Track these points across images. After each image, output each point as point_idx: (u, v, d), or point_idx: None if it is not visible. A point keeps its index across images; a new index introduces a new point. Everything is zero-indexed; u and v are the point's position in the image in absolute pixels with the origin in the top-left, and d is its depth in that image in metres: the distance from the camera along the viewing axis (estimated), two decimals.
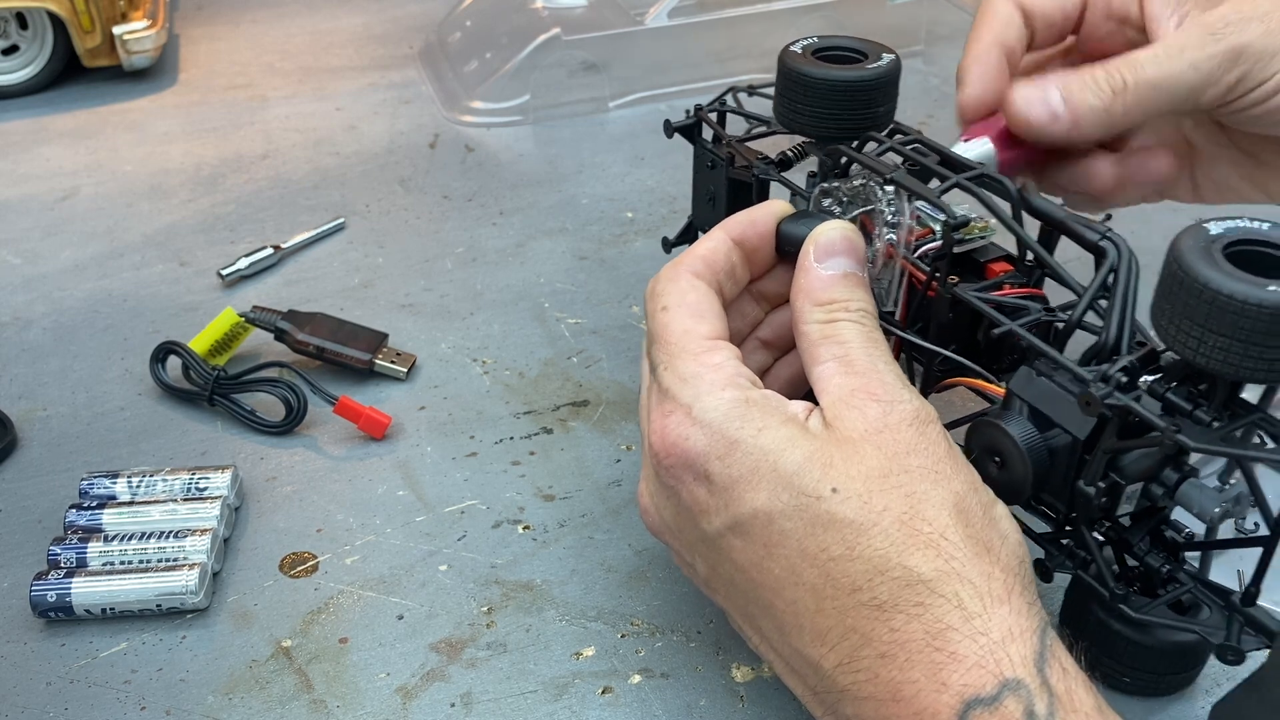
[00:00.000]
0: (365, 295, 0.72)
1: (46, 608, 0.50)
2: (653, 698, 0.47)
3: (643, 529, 0.55)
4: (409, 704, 0.47)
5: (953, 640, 0.35)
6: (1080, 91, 0.48)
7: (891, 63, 0.50)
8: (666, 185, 0.83)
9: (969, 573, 0.36)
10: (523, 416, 0.62)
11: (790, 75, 0.50)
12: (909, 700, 0.35)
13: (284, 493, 0.57)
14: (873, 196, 0.48)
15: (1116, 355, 0.40)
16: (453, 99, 0.94)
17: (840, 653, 0.37)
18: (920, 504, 0.37)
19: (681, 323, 0.43)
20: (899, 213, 0.47)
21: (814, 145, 0.54)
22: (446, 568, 0.53)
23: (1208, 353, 0.36)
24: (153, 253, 0.76)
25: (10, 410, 0.62)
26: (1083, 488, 0.40)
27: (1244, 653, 0.40)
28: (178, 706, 0.47)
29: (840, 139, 0.51)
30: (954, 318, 0.47)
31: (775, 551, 0.38)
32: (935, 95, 0.95)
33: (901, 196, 0.47)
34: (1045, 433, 0.41)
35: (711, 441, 0.39)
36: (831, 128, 0.50)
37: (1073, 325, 0.43)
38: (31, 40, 0.95)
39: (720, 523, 0.39)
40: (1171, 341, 0.37)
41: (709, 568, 0.42)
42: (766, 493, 0.38)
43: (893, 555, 0.36)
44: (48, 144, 0.89)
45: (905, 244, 0.47)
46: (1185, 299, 0.36)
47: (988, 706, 0.34)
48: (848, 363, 0.41)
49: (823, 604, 0.37)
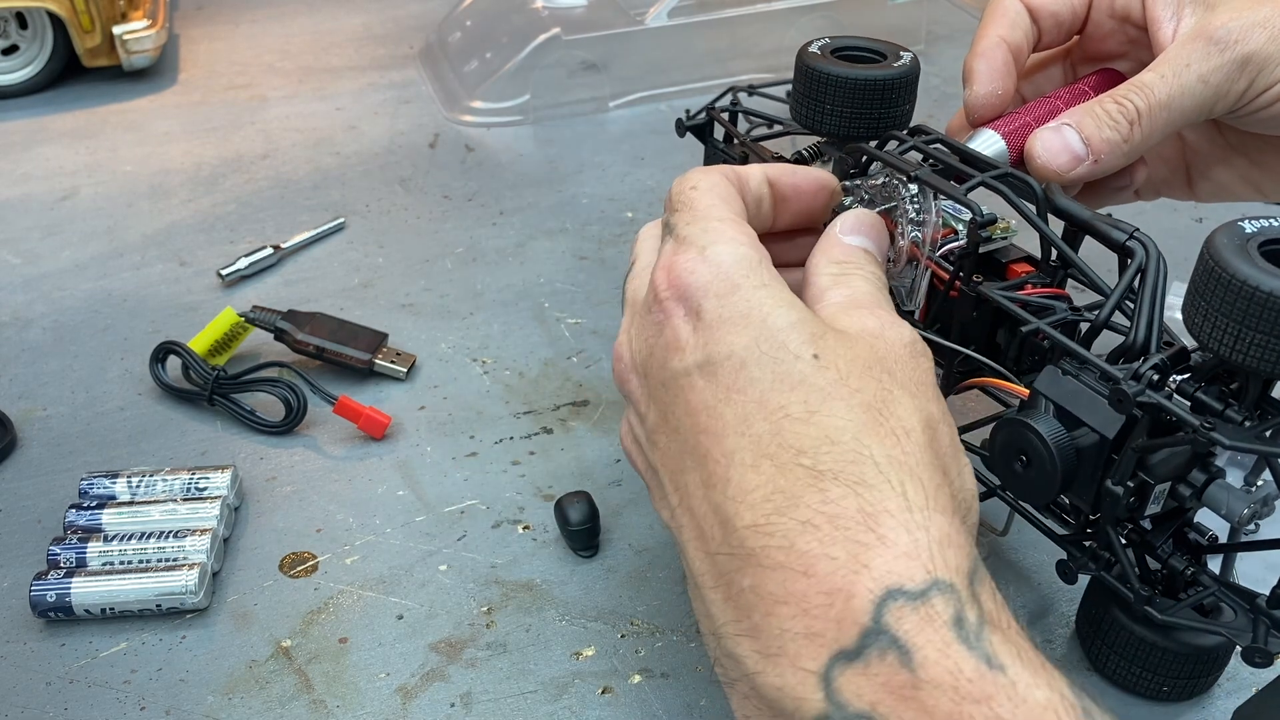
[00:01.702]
0: (365, 295, 0.72)
1: (46, 608, 0.50)
2: (653, 698, 0.47)
3: (643, 528, 0.55)
4: (409, 704, 0.47)
5: (886, 524, 0.33)
6: (1098, 130, 0.47)
7: (914, 61, 0.50)
8: (667, 185, 0.83)
9: (921, 473, 0.34)
10: (523, 416, 0.62)
11: (813, 75, 0.50)
12: (822, 577, 0.33)
13: (284, 493, 0.57)
14: (895, 195, 0.48)
15: (1146, 354, 0.40)
16: (453, 99, 0.94)
17: (759, 512, 0.35)
18: (893, 403, 0.36)
19: (709, 199, 0.42)
20: (924, 210, 0.47)
21: (830, 145, 0.54)
22: (446, 568, 0.53)
23: (1244, 350, 0.36)
24: (153, 252, 0.76)
25: (10, 410, 0.62)
26: (1110, 487, 0.40)
27: (1273, 655, 0.40)
28: (177, 706, 0.47)
29: (864, 137, 0.51)
30: (975, 317, 0.47)
31: (734, 397, 0.37)
32: (935, 95, 0.95)
33: (926, 194, 0.47)
34: (1073, 431, 0.41)
35: (715, 278, 0.38)
36: (857, 127, 0.50)
37: (1100, 324, 0.43)
38: (31, 40, 0.95)
39: (692, 359, 0.38)
40: (1206, 339, 0.37)
41: (659, 415, 0.40)
42: (748, 338, 0.37)
43: (849, 430, 0.35)
44: (48, 144, 0.89)
45: (930, 243, 0.47)
46: (1222, 296, 0.36)
47: (911, 601, 0.31)
48: (853, 299, 0.40)
49: (760, 461, 0.35)
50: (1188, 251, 0.74)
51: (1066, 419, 0.41)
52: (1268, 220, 0.38)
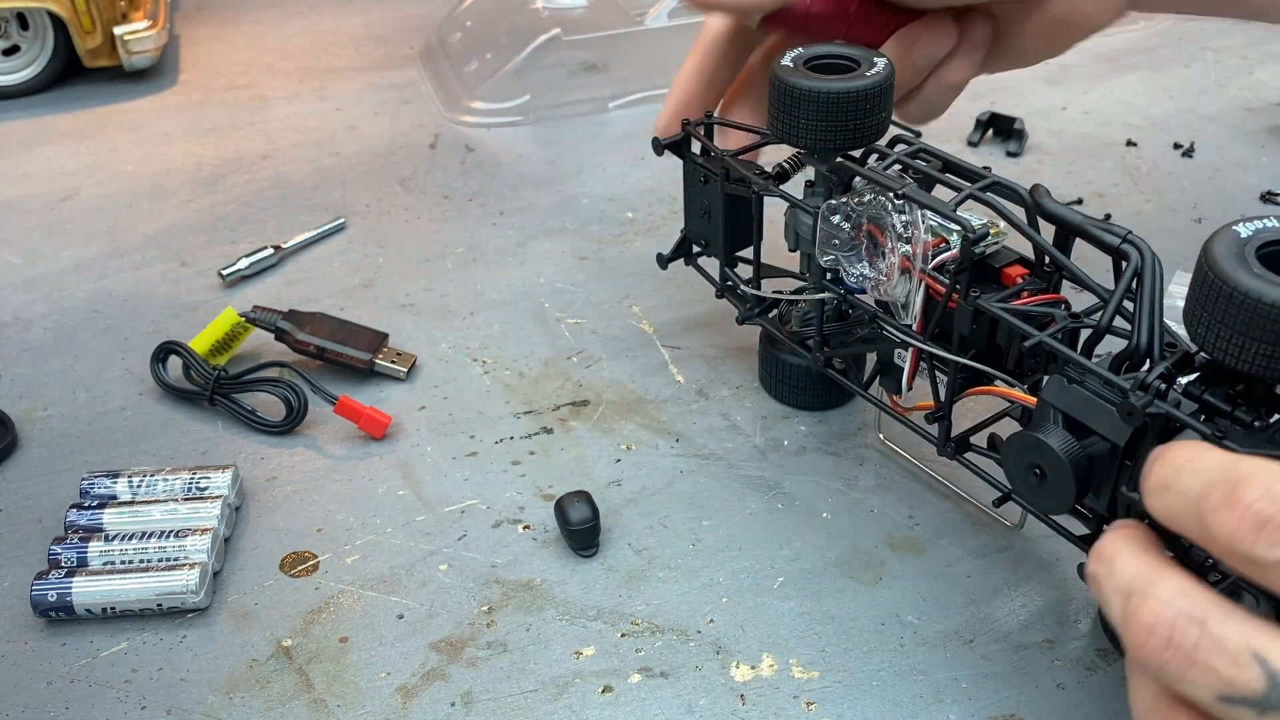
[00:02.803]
0: (365, 295, 0.72)
1: (47, 607, 0.50)
2: (652, 697, 0.47)
3: (643, 529, 0.55)
4: (409, 703, 0.47)
5: None
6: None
7: (887, 68, 0.50)
8: (666, 185, 0.84)
9: None
10: (523, 416, 0.62)
11: (786, 89, 0.50)
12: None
13: (284, 492, 0.58)
14: (883, 210, 0.48)
15: (1149, 360, 0.40)
16: (453, 99, 0.94)
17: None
18: None
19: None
20: (913, 224, 0.47)
21: (810, 156, 0.54)
22: (447, 567, 0.53)
23: (1249, 359, 0.36)
24: (153, 253, 0.77)
25: (11, 410, 0.62)
26: (1126, 493, 0.40)
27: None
28: (178, 706, 0.47)
29: (841, 148, 0.51)
30: (974, 327, 0.47)
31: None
32: None
33: (913, 209, 0.47)
34: (1084, 440, 0.41)
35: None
36: (832, 138, 0.50)
37: (1102, 331, 0.42)
38: (32, 41, 0.95)
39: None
40: (1211, 348, 0.37)
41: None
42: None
43: None
44: (48, 144, 0.89)
45: (921, 256, 0.47)
46: (1224, 307, 0.36)
47: None
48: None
49: None
50: (1186, 252, 0.74)
51: (1076, 428, 0.41)
52: (1263, 221, 0.38)
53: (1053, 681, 0.47)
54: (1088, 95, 0.95)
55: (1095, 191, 0.81)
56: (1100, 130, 0.89)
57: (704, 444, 0.60)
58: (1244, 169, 0.83)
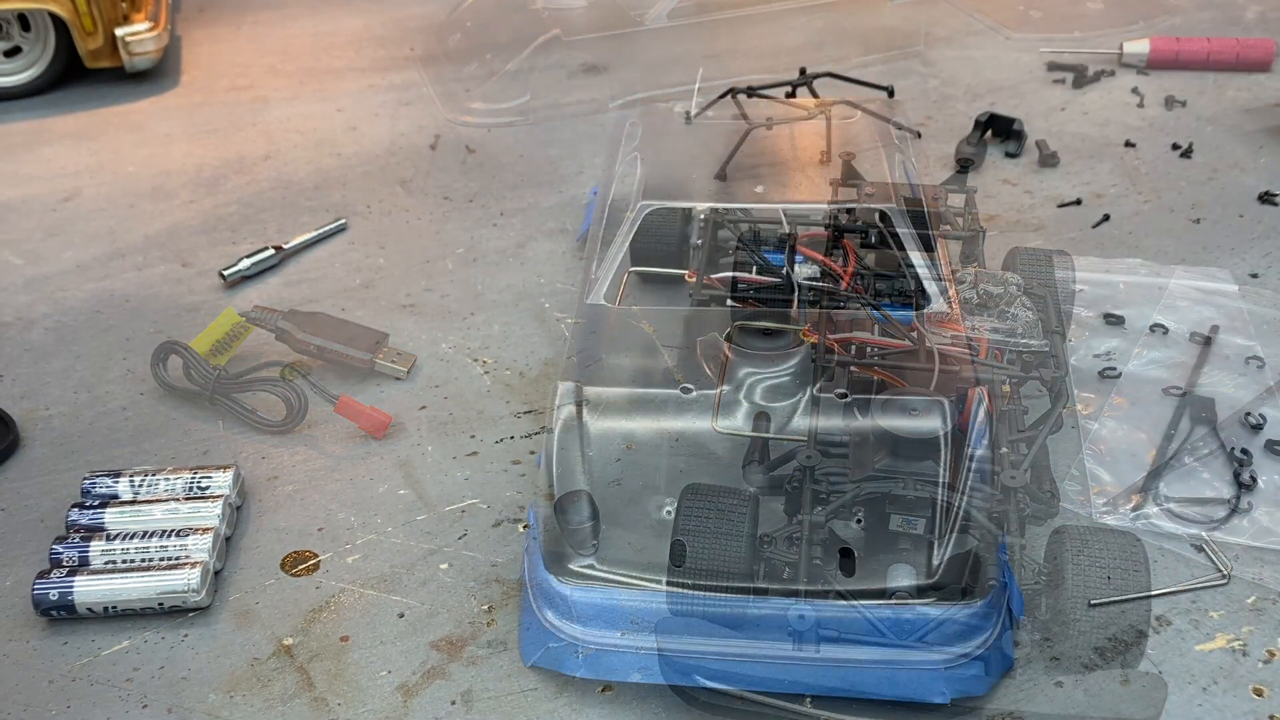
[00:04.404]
0: (366, 295, 0.72)
1: (49, 606, 0.50)
2: (653, 697, 0.47)
3: (643, 529, 0.55)
4: (410, 701, 0.47)
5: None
6: None
7: None
8: (667, 186, 0.83)
9: None
10: (523, 416, 0.62)
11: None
12: None
13: (285, 492, 0.58)
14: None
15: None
16: (453, 100, 0.94)
17: None
18: None
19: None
20: None
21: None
22: (447, 566, 0.53)
23: None
24: (154, 253, 0.77)
25: (13, 410, 0.62)
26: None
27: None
28: (179, 704, 0.47)
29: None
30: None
31: None
32: (934, 97, 0.95)
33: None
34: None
35: None
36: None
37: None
38: (34, 42, 0.95)
39: None
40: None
41: None
42: None
43: None
44: (50, 145, 0.90)
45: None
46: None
47: None
48: None
49: None
50: (1186, 252, 0.74)
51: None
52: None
53: (1052, 680, 0.47)
54: (1087, 95, 0.95)
55: (1094, 192, 0.81)
56: (1099, 131, 0.89)
57: (704, 443, 0.60)
58: (1242, 169, 0.83)
